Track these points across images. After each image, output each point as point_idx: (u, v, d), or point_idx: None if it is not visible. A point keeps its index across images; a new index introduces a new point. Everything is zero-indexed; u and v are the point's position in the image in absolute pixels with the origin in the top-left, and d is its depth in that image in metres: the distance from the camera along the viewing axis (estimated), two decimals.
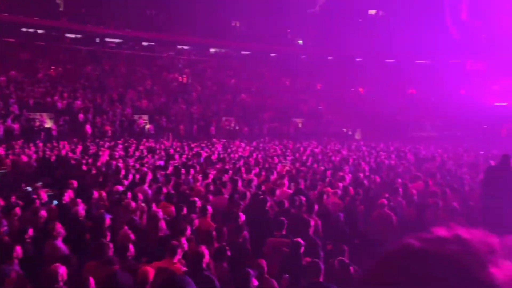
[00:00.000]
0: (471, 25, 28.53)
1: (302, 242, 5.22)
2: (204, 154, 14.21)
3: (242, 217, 6.26)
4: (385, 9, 31.62)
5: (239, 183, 9.17)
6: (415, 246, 0.72)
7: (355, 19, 30.54)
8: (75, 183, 7.95)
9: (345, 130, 26.28)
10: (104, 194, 7.50)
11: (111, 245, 4.69)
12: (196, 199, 7.10)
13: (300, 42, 32.51)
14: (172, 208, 6.82)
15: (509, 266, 0.64)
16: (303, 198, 7.65)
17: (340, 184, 9.79)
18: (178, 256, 4.67)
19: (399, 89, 29.12)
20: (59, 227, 5.18)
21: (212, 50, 31.70)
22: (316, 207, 7.29)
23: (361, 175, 11.08)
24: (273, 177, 10.37)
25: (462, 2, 28.30)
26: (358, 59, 31.31)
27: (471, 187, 9.63)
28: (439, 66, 29.21)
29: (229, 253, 4.95)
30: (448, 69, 28.75)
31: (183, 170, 10.25)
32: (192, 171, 10.27)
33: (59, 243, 5.13)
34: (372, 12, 31.99)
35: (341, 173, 11.07)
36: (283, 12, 28.93)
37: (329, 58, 31.50)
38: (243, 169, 11.33)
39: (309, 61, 31.31)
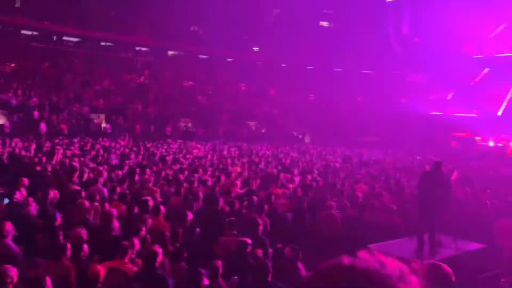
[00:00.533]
0: (411, 40, 30.36)
1: (249, 241, 5.36)
2: (159, 154, 14.30)
3: (190, 216, 6.40)
4: (335, 22, 33.20)
5: (194, 184, 9.44)
6: (347, 264, 0.85)
7: (307, 30, 31.65)
8: (26, 181, 7.63)
9: (295, 134, 27.16)
10: (58, 193, 7.27)
11: (68, 245, 4.65)
12: (149, 198, 7.23)
13: (256, 48, 33.25)
14: (125, 208, 6.84)
15: (416, 281, 0.86)
16: (255, 198, 8.03)
17: (290, 186, 10.32)
18: (130, 256, 4.70)
19: (346, 97, 30.36)
20: (9, 226, 5.01)
21: (170, 52, 31.88)
22: (266, 207, 7.70)
23: (309, 177, 11.65)
24: (227, 178, 10.71)
25: (403, 18, 30.14)
26: (309, 67, 32.43)
27: (409, 190, 10.39)
28: (383, 77, 30.98)
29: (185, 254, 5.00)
30: (391, 80, 30.57)
31: (138, 170, 10.34)
32: (148, 171, 10.38)
33: (9, 242, 4.96)
34: (323, 23, 33.44)
35: (290, 175, 11.60)
36: (240, 19, 29.55)
37: (283, 65, 32.44)
38: (199, 170, 11.56)
39: (264, 67, 32.15)
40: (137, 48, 30.40)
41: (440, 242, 7.86)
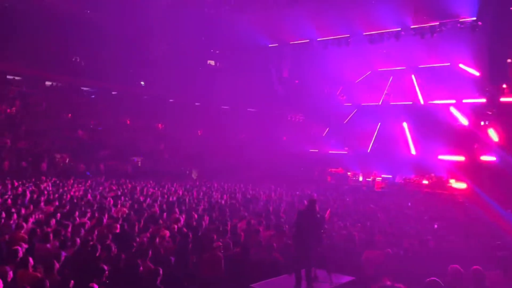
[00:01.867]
0: (292, 82, 32.72)
1: None
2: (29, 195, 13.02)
3: (57, 265, 6.05)
4: (222, 61, 34.37)
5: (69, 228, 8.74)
6: None
7: (195, 67, 32.22)
8: None
9: (183, 169, 26.97)
10: None
11: None
12: (19, 248, 6.58)
13: (142, 83, 32.61)
14: None
15: None
16: (134, 244, 7.73)
17: (175, 226, 10.13)
18: None
19: (232, 133, 31.25)
20: None
21: (48, 83, 29.61)
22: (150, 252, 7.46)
23: (195, 215, 11.59)
24: (109, 219, 10.14)
25: (284, 62, 32.53)
26: (197, 104, 32.81)
27: (289, 226, 10.90)
28: (266, 115, 32.48)
29: None
30: (273, 118, 32.32)
31: (3, 214, 9.29)
32: (15, 215, 9.38)
33: None
34: (211, 62, 34.40)
35: (176, 215, 11.40)
36: (127, 52, 28.85)
37: (171, 100, 32.33)
38: (75, 211, 10.77)
39: (150, 101, 31.58)
40: (9, 77, 27.74)
41: (316, 277, 8.38)
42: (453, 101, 26.87)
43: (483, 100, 24.34)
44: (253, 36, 28.10)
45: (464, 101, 25.97)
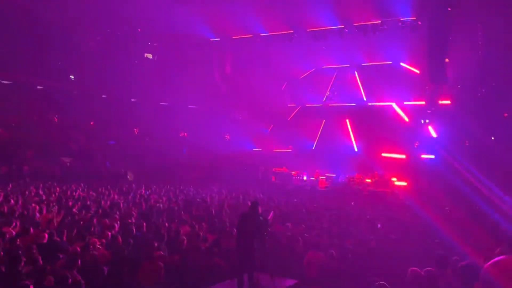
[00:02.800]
0: (235, 78, 32.18)
1: None
2: None
3: None
4: (160, 55, 32.89)
5: None
6: None
7: (130, 61, 30.64)
8: None
9: (117, 171, 25.60)
10: None
11: None
12: None
13: (72, 77, 30.44)
14: None
15: None
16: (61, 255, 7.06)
17: (109, 233, 9.43)
18: None
19: (172, 131, 30.24)
20: None
21: None
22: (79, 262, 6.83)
23: (131, 221, 10.92)
24: (35, 228, 9.25)
25: (227, 58, 31.86)
26: (133, 100, 31.33)
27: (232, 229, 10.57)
28: (208, 112, 31.34)
29: None
30: (216, 116, 31.29)
31: None
32: None
33: None
34: (148, 55, 32.76)
35: (110, 221, 10.67)
36: (54, 43, 26.70)
37: (104, 96, 30.55)
38: None
39: (81, 97, 29.56)
40: None
41: (259, 281, 8.14)
42: (393, 104, 27.73)
43: (423, 102, 25.36)
44: (193, 29, 27.15)
45: (406, 103, 26.88)
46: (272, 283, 8.29)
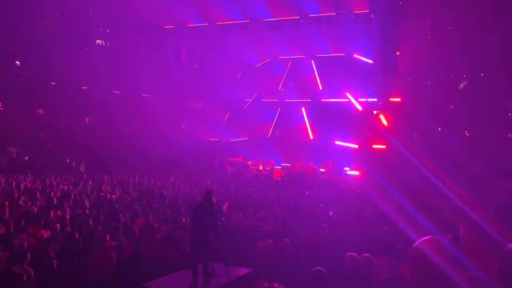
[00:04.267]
0: (190, 67, 31.62)
1: None
2: None
3: None
4: (112, 42, 31.69)
5: None
6: None
7: (81, 47, 29.32)
8: None
9: (68, 161, 24.68)
10: None
11: None
12: None
13: (18, 63, 28.78)
14: None
15: None
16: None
17: (58, 225, 9.12)
18: None
19: (125, 121, 29.42)
20: None
21: None
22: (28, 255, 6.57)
23: (82, 212, 10.62)
24: None
25: (182, 46, 31.16)
26: (84, 88, 30.11)
27: (187, 220, 10.50)
28: (163, 101, 30.60)
29: None
30: (171, 105, 30.72)
31: None
32: None
33: None
34: (100, 42, 31.44)
35: (60, 212, 10.34)
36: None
37: (53, 83, 29.14)
38: None
39: (28, 84, 28.04)
40: None
41: (213, 271, 8.15)
42: (346, 100, 28.28)
43: (374, 99, 26.02)
44: (147, 15, 26.38)
45: (360, 99, 27.44)
46: (227, 273, 8.32)
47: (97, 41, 31.10)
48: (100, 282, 7.08)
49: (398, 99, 23.43)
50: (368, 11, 23.34)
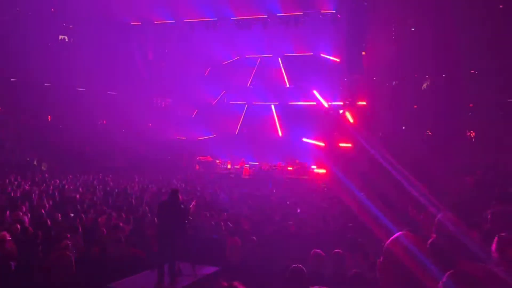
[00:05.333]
0: (156, 65, 31.09)
1: None
2: None
3: None
4: (76, 37, 30.66)
5: None
6: None
7: (44, 42, 28.27)
8: None
9: (29, 160, 23.79)
10: None
11: None
12: None
13: None
14: None
15: None
16: None
17: (18, 225, 8.82)
18: None
19: (90, 119, 28.65)
20: None
21: None
22: None
23: (43, 212, 10.33)
24: None
25: (149, 43, 30.62)
26: (47, 84, 29.05)
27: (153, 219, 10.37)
28: (129, 99, 29.83)
29: None
30: (137, 102, 30.02)
31: None
32: None
33: None
34: (63, 37, 30.36)
35: (20, 213, 9.98)
36: None
37: (12, 79, 27.98)
38: None
39: None
40: None
41: (180, 271, 8.08)
42: (313, 103, 28.48)
43: (341, 103, 26.38)
44: (113, 11, 25.78)
45: (328, 103, 27.81)
46: (193, 272, 8.28)
47: (60, 36, 30.04)
48: (61, 283, 6.90)
49: (364, 103, 23.86)
50: (334, 11, 23.68)
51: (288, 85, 30.07)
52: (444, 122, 22.02)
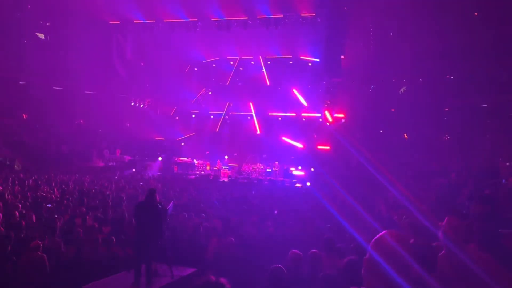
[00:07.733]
0: (136, 64, 30.74)
1: None
2: None
3: None
4: (53, 35, 29.90)
5: None
6: None
7: (19, 40, 27.62)
8: None
9: (1, 159, 23.15)
10: None
11: None
12: None
13: None
14: None
15: None
16: None
17: None
18: None
19: (66, 118, 28.13)
20: None
21: None
22: None
23: (17, 213, 10.07)
24: None
25: (127, 43, 30.20)
26: (22, 83, 28.37)
27: (130, 220, 10.23)
28: (107, 98, 29.49)
29: None
30: (115, 102, 29.71)
31: None
32: None
33: None
34: (40, 35, 29.65)
35: None
36: None
37: None
38: None
39: None
40: None
41: (156, 271, 8.02)
42: (293, 114, 28.64)
43: (319, 115, 26.54)
44: (90, 9, 25.33)
45: (303, 114, 27.94)
46: (170, 273, 8.22)
47: (37, 34, 29.35)
48: (35, 284, 6.76)
49: (342, 115, 24.09)
50: (314, 14, 23.86)
51: (268, 83, 30.15)
52: (421, 126, 22.46)
